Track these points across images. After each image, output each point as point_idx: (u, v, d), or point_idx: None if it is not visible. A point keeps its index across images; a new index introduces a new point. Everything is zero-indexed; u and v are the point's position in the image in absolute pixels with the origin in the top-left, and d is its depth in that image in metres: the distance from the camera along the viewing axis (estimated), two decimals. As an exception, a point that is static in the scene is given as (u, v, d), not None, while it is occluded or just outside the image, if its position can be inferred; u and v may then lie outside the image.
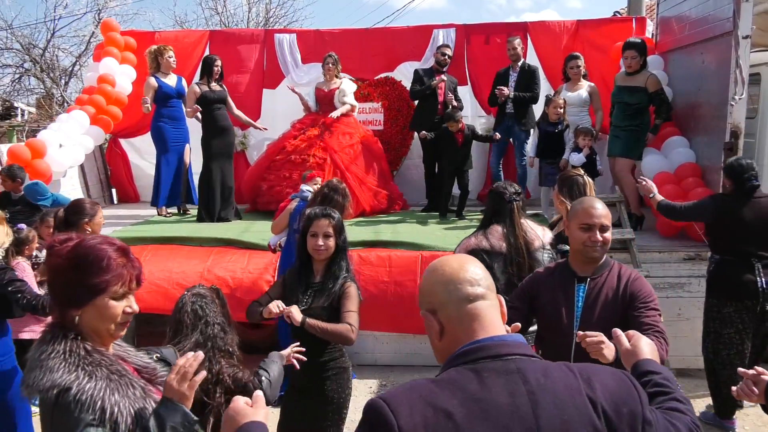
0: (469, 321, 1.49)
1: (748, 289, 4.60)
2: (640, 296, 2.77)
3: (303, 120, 8.06)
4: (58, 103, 20.27)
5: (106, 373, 1.81)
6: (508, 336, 1.50)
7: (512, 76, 7.69)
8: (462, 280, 1.51)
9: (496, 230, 3.87)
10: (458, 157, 7.29)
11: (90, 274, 1.82)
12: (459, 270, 1.53)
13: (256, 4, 23.60)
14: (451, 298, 1.51)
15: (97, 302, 1.84)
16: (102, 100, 8.22)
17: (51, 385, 1.74)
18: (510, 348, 1.44)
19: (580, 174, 4.28)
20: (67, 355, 1.79)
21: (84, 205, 4.13)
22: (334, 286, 3.30)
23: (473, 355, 1.43)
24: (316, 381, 3.33)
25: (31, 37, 21.30)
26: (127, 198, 9.40)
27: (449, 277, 1.52)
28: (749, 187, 4.63)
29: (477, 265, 1.57)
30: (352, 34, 9.15)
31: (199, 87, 7.36)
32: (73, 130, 7.83)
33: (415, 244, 6.12)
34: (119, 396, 1.79)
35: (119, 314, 1.87)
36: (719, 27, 5.95)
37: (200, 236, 6.52)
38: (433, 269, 1.57)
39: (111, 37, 8.87)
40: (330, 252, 3.34)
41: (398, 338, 5.95)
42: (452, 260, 1.58)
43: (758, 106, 6.16)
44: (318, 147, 7.60)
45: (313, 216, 3.37)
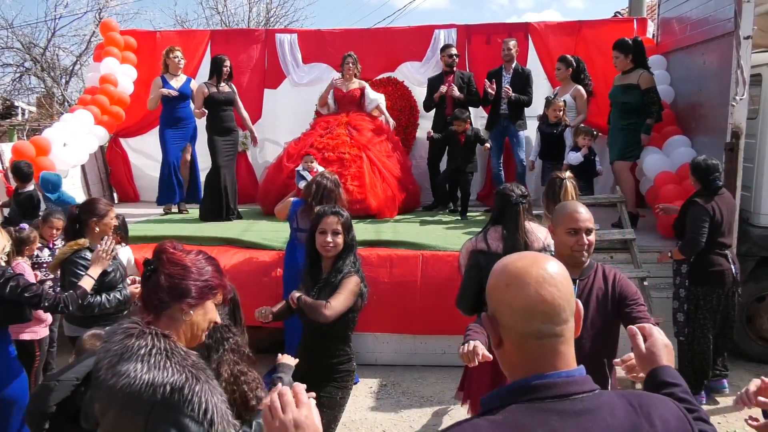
0: (534, 356, 1.37)
1: (725, 277, 5.14)
2: (629, 294, 2.87)
3: (325, 118, 8.05)
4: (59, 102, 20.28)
5: (205, 376, 1.91)
6: (575, 371, 1.37)
7: (505, 77, 7.73)
8: (535, 314, 1.35)
9: (496, 231, 3.89)
10: (459, 157, 7.30)
11: (208, 277, 2.05)
12: (536, 298, 1.35)
13: (256, 4, 23.62)
14: (517, 327, 1.37)
15: (207, 303, 2.04)
16: (105, 100, 8.23)
17: (162, 382, 1.81)
18: (578, 386, 1.34)
19: (560, 177, 4.41)
20: (170, 354, 1.88)
21: (94, 205, 4.25)
22: (336, 280, 3.34)
23: (540, 393, 1.32)
24: (325, 380, 3.36)
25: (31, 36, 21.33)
26: (126, 198, 9.39)
27: (523, 302, 1.35)
28: (715, 187, 5.15)
29: (560, 290, 1.36)
30: (353, 34, 9.15)
31: (207, 88, 7.36)
32: (78, 130, 7.84)
33: (416, 244, 6.12)
34: (215, 397, 1.89)
35: (215, 319, 2.09)
36: (720, 27, 5.96)
37: (202, 235, 6.52)
38: (510, 277, 1.39)
39: (111, 37, 8.86)
40: (338, 249, 3.37)
41: (398, 338, 5.95)
42: (533, 277, 1.36)
43: (759, 107, 6.16)
44: (351, 145, 7.59)
45: (322, 213, 3.41)
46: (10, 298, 3.67)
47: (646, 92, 6.40)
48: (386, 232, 6.56)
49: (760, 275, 6.07)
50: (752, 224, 6.11)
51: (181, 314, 1.98)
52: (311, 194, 4.94)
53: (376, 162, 7.53)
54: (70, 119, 7.96)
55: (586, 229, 2.88)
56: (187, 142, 7.83)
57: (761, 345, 6.11)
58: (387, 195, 7.51)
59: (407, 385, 5.66)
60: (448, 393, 5.47)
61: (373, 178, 7.44)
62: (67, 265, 4.09)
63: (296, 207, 5.23)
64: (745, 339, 6.14)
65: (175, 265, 2.03)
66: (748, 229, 6.03)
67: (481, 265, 3.72)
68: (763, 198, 6.10)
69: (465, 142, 7.30)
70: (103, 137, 8.38)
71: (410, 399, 5.42)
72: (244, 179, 9.07)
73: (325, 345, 3.37)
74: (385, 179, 7.56)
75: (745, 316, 6.14)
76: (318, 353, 3.35)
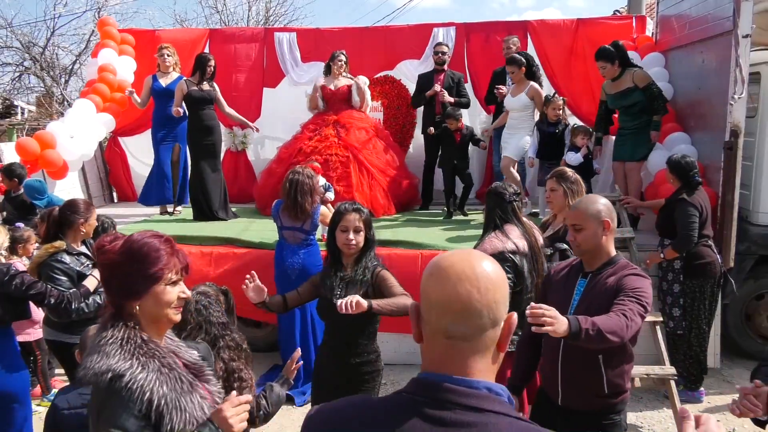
0: (442, 356, 1.31)
1: (715, 267, 5.27)
2: (625, 288, 2.78)
3: (314, 120, 8.00)
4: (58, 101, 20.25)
5: (158, 365, 1.88)
6: (476, 382, 1.29)
7: (509, 75, 7.69)
8: (447, 311, 1.29)
9: (513, 230, 3.84)
10: (455, 155, 7.30)
11: (146, 265, 1.94)
12: (452, 294, 1.28)
13: (256, 3, 23.59)
14: (431, 321, 1.32)
15: (154, 290, 1.95)
16: (105, 89, 8.18)
17: (106, 369, 1.81)
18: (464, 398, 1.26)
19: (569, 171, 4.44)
20: (124, 342, 1.87)
21: (79, 205, 4.12)
22: (365, 276, 3.31)
23: (424, 390, 1.30)
24: (354, 381, 3.33)
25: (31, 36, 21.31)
26: (125, 197, 9.40)
27: (438, 296, 1.30)
28: (696, 182, 5.28)
29: (481, 293, 1.28)
30: (352, 33, 9.13)
31: (187, 85, 7.27)
32: (82, 120, 7.78)
33: (415, 243, 6.12)
34: (167, 389, 1.86)
35: (175, 299, 1.99)
36: (719, 26, 5.95)
37: (200, 235, 6.51)
38: (436, 268, 1.33)
39: (108, 32, 8.87)
40: (360, 246, 3.35)
41: (398, 337, 5.95)
42: (456, 272, 1.30)
43: (758, 105, 6.15)
44: (338, 146, 7.55)
45: (343, 210, 3.37)
46: (16, 296, 3.66)
47: (647, 89, 6.38)
48: (385, 232, 6.55)
49: (759, 273, 6.08)
50: (751, 222, 6.11)
51: (132, 309, 1.94)
52: (287, 191, 5.17)
53: (364, 162, 7.51)
54: (73, 111, 7.93)
55: (572, 225, 2.94)
56: (176, 142, 7.76)
57: (760, 342, 6.12)
58: (377, 193, 7.51)
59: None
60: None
61: (360, 178, 7.43)
62: (44, 269, 3.91)
63: (278, 206, 5.37)
64: (744, 337, 6.15)
65: (105, 266, 1.97)
66: (747, 228, 6.03)
67: (515, 267, 3.71)
68: (761, 196, 6.10)
69: (460, 141, 7.30)
70: (109, 123, 8.25)
71: (409, 398, 5.42)
72: (244, 178, 9.08)
73: (352, 343, 3.33)
74: (374, 178, 7.53)
75: (744, 314, 6.16)
76: (344, 352, 3.32)
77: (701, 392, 5.36)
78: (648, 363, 5.01)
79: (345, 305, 2.92)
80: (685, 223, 5.16)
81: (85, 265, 4.01)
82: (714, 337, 5.68)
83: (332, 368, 3.26)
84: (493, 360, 1.33)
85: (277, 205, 5.41)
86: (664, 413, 5.15)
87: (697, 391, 5.36)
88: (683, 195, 5.23)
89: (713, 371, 5.72)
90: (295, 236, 5.35)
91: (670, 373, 4.89)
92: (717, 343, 5.82)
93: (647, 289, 2.82)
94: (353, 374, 3.32)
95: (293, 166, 7.57)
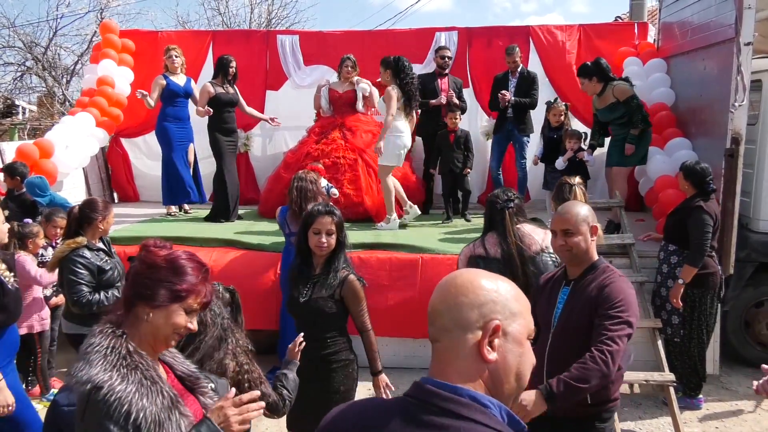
0: (432, 357, 1.40)
1: (716, 278, 5.22)
2: (608, 302, 2.76)
3: (320, 124, 8.01)
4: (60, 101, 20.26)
5: (140, 377, 1.85)
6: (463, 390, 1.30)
7: (512, 81, 7.73)
8: (429, 312, 1.40)
9: (493, 237, 3.94)
10: (450, 158, 7.31)
11: (179, 280, 1.95)
12: (436, 300, 1.40)
13: (258, 5, 23.62)
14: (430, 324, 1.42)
15: (172, 307, 1.94)
16: (104, 102, 8.27)
17: (86, 380, 1.80)
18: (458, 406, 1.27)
19: (569, 182, 4.55)
20: (108, 352, 1.85)
21: (98, 204, 4.38)
22: (335, 279, 3.39)
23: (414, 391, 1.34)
24: (322, 371, 3.40)
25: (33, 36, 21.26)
26: (126, 197, 9.41)
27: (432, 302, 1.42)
28: (711, 190, 5.17)
29: (443, 297, 1.37)
30: (355, 36, 9.16)
31: (213, 87, 7.36)
32: (80, 132, 7.87)
33: (415, 247, 6.12)
34: (147, 402, 1.83)
35: (183, 326, 1.97)
36: (721, 33, 5.97)
37: (202, 236, 6.52)
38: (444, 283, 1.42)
39: (109, 39, 8.88)
40: (331, 248, 3.41)
41: (397, 341, 5.96)
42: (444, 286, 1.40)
43: (759, 113, 6.17)
44: (345, 149, 7.56)
45: (316, 213, 3.42)
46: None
47: (626, 102, 6.40)
48: (386, 236, 6.56)
49: (759, 281, 6.08)
50: (751, 230, 6.12)
51: (143, 314, 1.93)
52: (293, 198, 5.24)
53: (371, 164, 7.50)
54: (72, 122, 7.97)
55: (561, 231, 2.92)
56: (190, 141, 7.84)
57: (759, 350, 6.12)
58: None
59: (406, 387, 5.63)
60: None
61: (368, 180, 7.43)
62: (66, 264, 4.16)
63: (284, 213, 5.41)
64: (743, 344, 6.15)
65: (145, 264, 1.99)
66: (747, 235, 6.04)
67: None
68: (762, 204, 6.11)
69: (454, 142, 7.33)
70: (102, 139, 8.42)
71: (409, 401, 5.42)
72: (245, 180, 9.09)
73: (321, 337, 3.41)
74: None
75: (744, 321, 6.16)
76: (314, 346, 3.37)
77: (700, 399, 5.36)
78: (647, 369, 5.02)
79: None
80: (701, 232, 5.02)
81: (103, 260, 4.27)
82: (713, 344, 5.68)
83: (303, 361, 3.29)
84: (477, 369, 1.32)
85: (283, 212, 5.44)
86: (663, 420, 5.15)
87: (696, 398, 5.35)
88: (700, 202, 5.09)
89: (712, 378, 5.72)
90: None
91: (669, 379, 4.89)
92: (716, 350, 5.82)
93: (629, 297, 2.79)
94: (324, 365, 3.40)
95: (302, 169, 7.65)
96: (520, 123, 7.73)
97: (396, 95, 6.65)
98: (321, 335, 3.39)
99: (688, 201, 5.24)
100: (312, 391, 3.35)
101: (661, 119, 7.14)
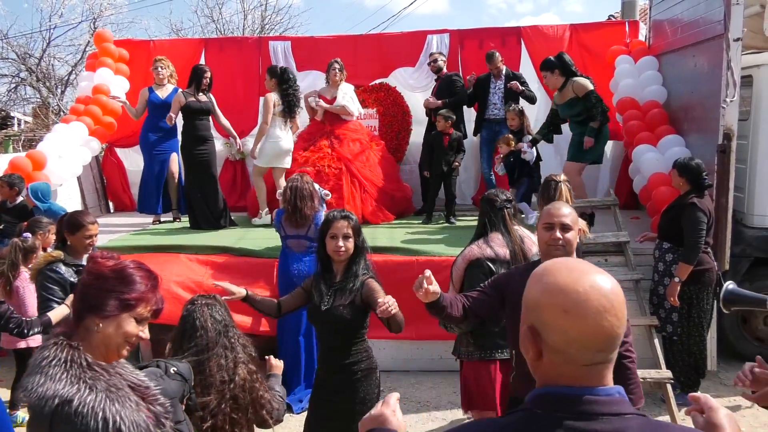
0: (576, 376, 1.31)
1: (713, 274, 5.23)
2: None
3: (309, 129, 8.01)
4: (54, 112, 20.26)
5: (105, 386, 1.84)
6: (613, 389, 1.30)
7: (498, 83, 7.84)
8: (592, 344, 1.28)
9: (497, 238, 3.88)
10: (442, 160, 7.33)
11: (127, 289, 1.93)
12: (596, 329, 1.27)
13: (251, 12, 23.65)
14: (569, 352, 1.30)
15: (122, 317, 1.92)
16: (98, 111, 8.25)
17: (52, 395, 1.76)
18: (609, 406, 1.27)
19: (555, 179, 4.53)
20: (68, 365, 1.82)
21: (76, 219, 4.21)
22: (355, 284, 3.36)
23: (561, 405, 1.28)
24: (347, 382, 3.37)
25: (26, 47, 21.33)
26: (122, 207, 9.40)
27: (580, 333, 1.28)
28: (706, 185, 5.17)
29: (619, 319, 1.29)
30: (347, 41, 9.17)
31: (185, 96, 7.33)
32: (73, 142, 7.87)
33: (412, 250, 6.13)
34: (119, 405, 1.82)
35: (135, 335, 1.95)
36: (710, 30, 5.99)
37: (196, 244, 6.51)
38: (570, 303, 1.29)
39: (105, 48, 8.89)
40: (349, 253, 3.40)
41: (395, 344, 5.95)
42: (594, 306, 1.27)
43: (750, 109, 6.19)
44: (331, 157, 7.56)
45: (332, 218, 3.42)
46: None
47: (585, 98, 6.43)
48: (381, 239, 6.57)
49: (755, 276, 6.09)
50: (745, 225, 6.14)
51: (93, 326, 1.90)
52: (287, 199, 5.24)
53: (356, 174, 7.52)
54: (65, 131, 7.97)
55: (560, 225, 2.91)
56: (173, 152, 7.78)
57: (756, 345, 6.13)
58: (369, 205, 7.54)
59: (404, 390, 5.67)
60: (445, 398, 5.49)
61: (352, 190, 7.45)
62: (39, 277, 4.05)
63: (279, 216, 5.40)
64: (740, 339, 6.17)
65: (93, 275, 1.96)
66: (741, 230, 6.05)
67: (493, 273, 3.69)
68: (756, 199, 6.13)
69: (448, 145, 7.37)
70: (95, 149, 8.42)
71: (407, 404, 5.43)
72: (241, 187, 9.11)
73: (342, 345, 3.38)
74: (366, 190, 7.55)
75: (740, 316, 6.17)
76: (335, 355, 3.37)
77: None
78: (644, 367, 5.01)
79: (387, 308, 3.05)
80: (695, 230, 5.02)
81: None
82: (710, 339, 5.68)
83: (326, 370, 3.29)
84: None
85: (279, 214, 5.45)
86: (661, 417, 5.15)
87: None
88: (693, 199, 5.08)
89: (710, 374, 5.72)
90: (300, 244, 5.38)
91: (666, 376, 4.90)
92: (713, 346, 5.83)
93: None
94: (347, 374, 3.36)
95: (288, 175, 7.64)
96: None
97: (272, 102, 7.12)
98: (343, 343, 3.36)
99: (681, 198, 5.25)
100: (335, 401, 3.34)
101: (653, 116, 7.16)
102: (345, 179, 7.44)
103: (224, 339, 2.77)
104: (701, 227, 5.03)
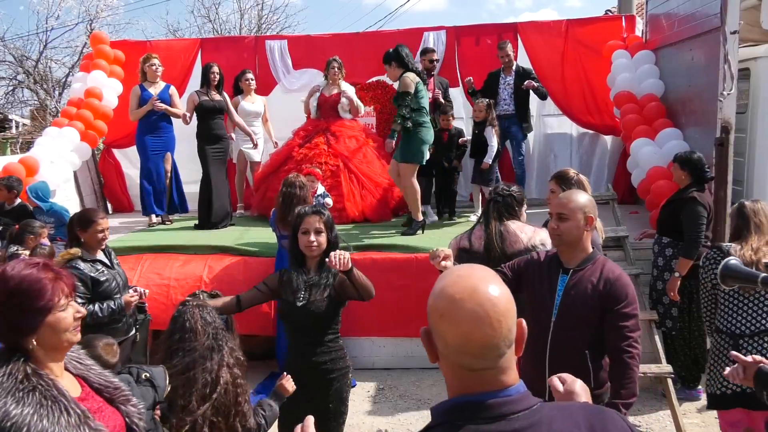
0: (468, 382, 1.34)
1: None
2: (620, 300, 2.84)
3: (305, 127, 7.99)
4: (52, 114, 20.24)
5: (39, 398, 1.80)
6: (512, 389, 1.33)
7: (507, 79, 7.80)
8: (466, 351, 1.30)
9: (480, 230, 3.91)
10: (442, 156, 7.33)
11: (31, 300, 1.85)
12: (468, 337, 1.29)
13: (248, 11, 23.63)
14: (450, 357, 1.34)
15: (48, 321, 1.87)
16: (90, 115, 8.26)
17: None
18: (514, 405, 1.30)
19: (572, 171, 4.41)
20: (4, 379, 1.79)
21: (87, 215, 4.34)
22: (329, 278, 3.34)
23: (470, 413, 1.30)
24: (322, 380, 3.35)
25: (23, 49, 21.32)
26: (121, 208, 9.40)
27: (454, 339, 1.30)
28: (708, 178, 5.13)
29: (495, 329, 1.29)
30: (343, 39, 9.15)
31: (198, 96, 7.36)
32: (64, 147, 7.89)
33: (410, 247, 6.12)
34: (48, 423, 1.77)
35: (71, 322, 1.92)
36: (707, 23, 5.98)
37: (196, 244, 6.51)
38: (445, 307, 1.32)
39: (100, 50, 8.86)
40: (322, 248, 3.35)
41: (395, 341, 5.96)
42: (467, 313, 1.29)
43: (748, 102, 6.18)
44: (328, 154, 7.53)
45: (303, 213, 3.39)
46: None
47: (399, 96, 6.30)
48: (379, 236, 6.56)
49: (754, 268, 6.08)
50: (745, 218, 6.11)
51: (30, 345, 1.85)
52: (278, 204, 5.24)
53: (354, 170, 7.49)
54: (57, 136, 7.97)
55: (556, 215, 2.93)
56: (167, 151, 7.74)
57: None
58: (370, 202, 7.51)
59: (404, 388, 5.66)
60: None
61: (351, 187, 7.42)
62: None
63: (274, 216, 5.41)
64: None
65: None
66: (740, 224, 6.03)
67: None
68: (754, 192, 6.10)
69: (448, 140, 7.36)
70: (85, 153, 8.40)
71: (408, 402, 5.42)
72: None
73: (315, 342, 3.35)
74: (365, 186, 7.53)
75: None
76: (308, 352, 3.33)
77: (699, 390, 5.35)
78: (644, 361, 4.98)
79: (337, 260, 3.06)
80: (695, 224, 4.97)
81: (99, 272, 4.22)
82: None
83: (298, 368, 3.26)
84: (511, 360, 1.36)
85: (275, 214, 5.45)
86: (662, 412, 5.15)
87: (694, 388, 5.35)
88: (694, 193, 5.02)
89: (711, 368, 5.72)
90: None
91: (666, 371, 4.89)
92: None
93: (632, 292, 2.90)
94: (319, 373, 3.34)
95: (284, 173, 7.61)
96: (523, 121, 7.82)
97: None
98: (318, 339, 3.34)
99: (681, 192, 5.22)
100: (312, 400, 3.30)
101: (650, 110, 7.15)
102: (343, 176, 7.42)
103: (212, 341, 2.75)
104: (701, 222, 5.00)
